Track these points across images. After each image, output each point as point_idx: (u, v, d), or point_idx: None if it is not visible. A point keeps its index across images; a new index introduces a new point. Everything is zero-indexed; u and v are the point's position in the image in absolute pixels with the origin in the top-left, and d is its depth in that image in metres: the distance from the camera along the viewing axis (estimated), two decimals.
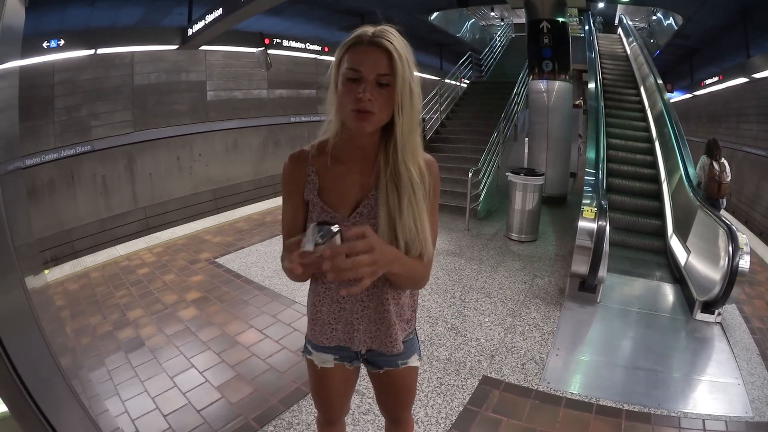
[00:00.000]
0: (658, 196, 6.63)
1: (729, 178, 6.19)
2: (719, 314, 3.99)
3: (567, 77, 8.33)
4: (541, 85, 8.33)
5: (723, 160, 6.23)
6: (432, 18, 14.60)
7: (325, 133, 1.25)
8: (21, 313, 1.10)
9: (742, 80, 11.47)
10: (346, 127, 1.17)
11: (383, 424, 1.81)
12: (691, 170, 5.86)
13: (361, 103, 1.05)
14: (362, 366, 1.55)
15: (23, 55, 7.42)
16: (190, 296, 4.49)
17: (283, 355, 3.40)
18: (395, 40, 1.08)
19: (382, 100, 1.08)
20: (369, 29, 1.09)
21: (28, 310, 1.10)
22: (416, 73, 1.12)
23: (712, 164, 6.14)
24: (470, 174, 6.59)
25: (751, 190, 11.25)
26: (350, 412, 2.66)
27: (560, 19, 7.91)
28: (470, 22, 19.04)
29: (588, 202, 4.52)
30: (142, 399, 2.93)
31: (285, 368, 3.23)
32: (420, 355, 1.54)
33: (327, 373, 1.48)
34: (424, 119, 8.90)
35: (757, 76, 10.65)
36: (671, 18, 14.19)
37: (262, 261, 5.41)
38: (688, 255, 4.80)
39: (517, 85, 9.91)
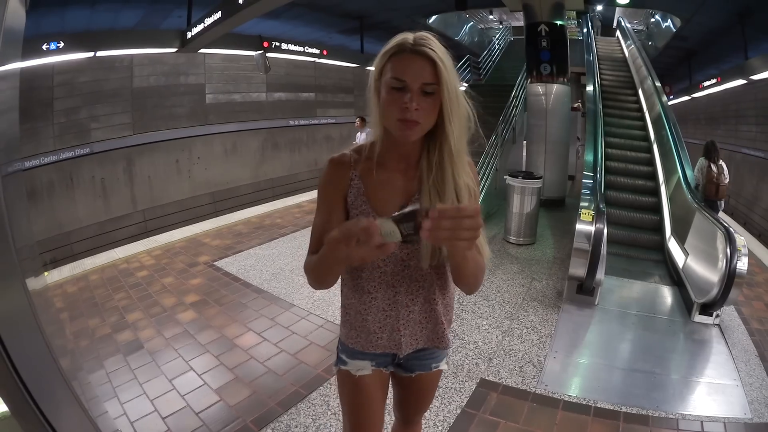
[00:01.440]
0: (657, 198, 6.64)
1: (727, 180, 6.20)
2: (717, 316, 4.00)
3: (565, 80, 8.35)
4: (540, 88, 8.34)
5: (721, 162, 6.24)
6: (430, 21, 14.62)
7: (366, 138, 1.28)
8: (22, 314, 1.10)
9: (741, 82, 11.48)
10: (388, 134, 1.18)
11: None
12: (689, 172, 5.87)
13: (408, 113, 1.06)
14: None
15: (23, 57, 7.43)
16: (188, 299, 4.49)
17: (282, 358, 3.40)
18: (437, 47, 1.08)
19: (426, 109, 1.08)
20: (409, 36, 1.09)
21: (29, 311, 1.11)
22: (459, 83, 1.13)
23: (710, 166, 6.15)
24: None
25: (749, 191, 11.25)
26: None
27: (558, 22, 7.94)
28: (468, 25, 19.06)
29: (586, 204, 4.53)
30: (140, 401, 2.93)
31: (283, 371, 3.23)
32: (448, 359, 1.56)
33: (364, 381, 1.44)
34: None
35: (756, 77, 10.67)
36: (669, 20, 14.22)
37: (261, 264, 5.41)
38: (686, 257, 4.81)
39: (515, 88, 9.93)
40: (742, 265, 3.68)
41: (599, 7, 15.86)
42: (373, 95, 1.16)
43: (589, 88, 8.76)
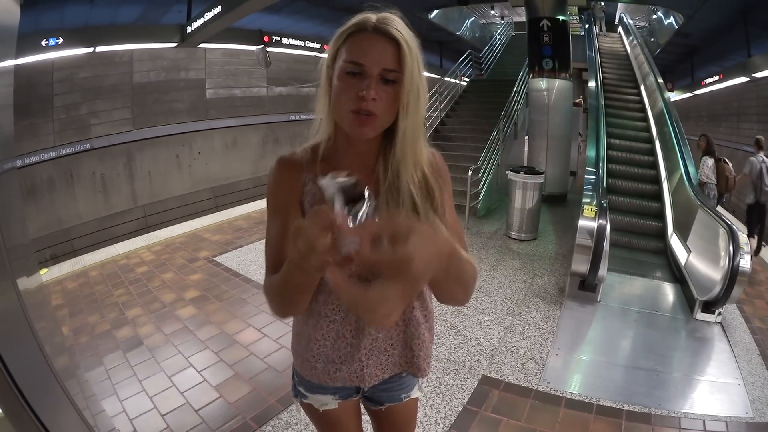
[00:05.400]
0: (658, 195, 6.62)
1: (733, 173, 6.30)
2: (719, 314, 3.98)
3: (567, 75, 8.32)
4: (542, 83, 8.31)
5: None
6: (432, 16, 14.56)
7: (315, 135, 1.07)
8: (13, 314, 1.08)
9: (743, 79, 11.44)
10: (341, 131, 0.99)
11: None
12: (691, 169, 5.84)
13: (363, 103, 0.88)
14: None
15: (22, 54, 7.40)
16: (188, 295, 4.48)
17: (282, 354, 3.39)
18: (403, 28, 0.91)
19: (386, 100, 0.90)
20: (372, 15, 0.92)
21: (20, 312, 1.09)
22: (424, 71, 0.95)
23: (719, 162, 6.17)
24: (470, 172, 6.57)
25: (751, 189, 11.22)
26: None
27: (560, 18, 7.89)
28: (470, 20, 18.97)
29: (588, 200, 4.50)
30: (140, 398, 2.92)
31: (283, 367, 3.22)
32: (420, 385, 1.39)
33: (332, 414, 1.27)
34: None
35: (758, 75, 10.63)
36: (672, 17, 14.15)
37: (261, 259, 5.34)
38: (689, 254, 4.79)
39: (517, 83, 9.88)
40: (745, 262, 3.66)
41: (601, 3, 15.79)
42: (323, 84, 0.98)
43: (591, 83, 8.71)
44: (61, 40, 7.89)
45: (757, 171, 5.97)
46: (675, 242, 5.37)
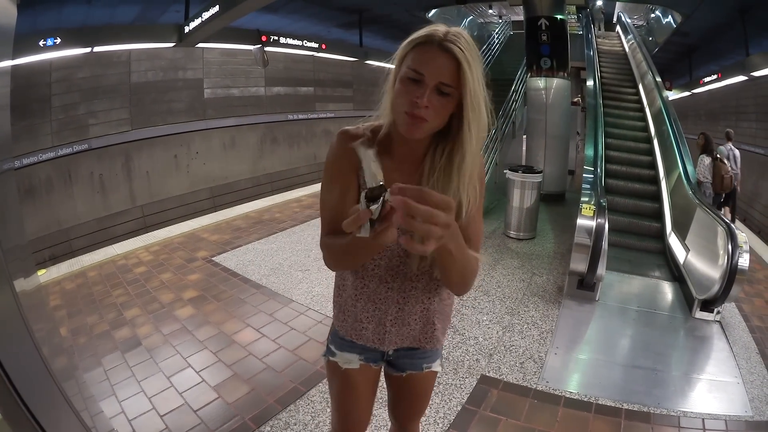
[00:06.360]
0: (657, 194, 6.62)
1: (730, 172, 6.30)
2: (718, 312, 3.99)
3: (565, 74, 8.32)
4: (540, 82, 8.31)
5: (717, 155, 6.31)
6: (430, 15, 14.55)
7: (378, 118, 1.17)
8: (9, 316, 1.08)
9: (742, 78, 11.44)
10: (395, 126, 1.10)
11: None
12: (690, 168, 5.85)
13: (416, 109, 0.98)
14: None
15: (20, 54, 7.37)
16: (186, 295, 4.47)
17: (280, 355, 3.38)
18: (467, 48, 0.98)
19: (437, 108, 1.00)
20: (440, 29, 0.99)
21: (17, 314, 1.08)
22: (484, 86, 1.04)
23: (716, 161, 6.17)
24: None
25: (749, 188, 11.22)
26: None
27: (558, 17, 7.89)
28: (468, 19, 18.96)
29: (587, 199, 4.51)
30: (138, 399, 2.91)
31: (282, 368, 3.21)
32: (442, 361, 1.51)
33: (352, 375, 1.42)
34: None
35: (756, 74, 10.63)
36: (670, 15, 14.16)
37: (260, 259, 5.39)
38: (687, 253, 4.80)
39: (515, 82, 9.89)
40: (744, 261, 3.67)
41: (599, 2, 15.79)
42: (390, 81, 1.08)
43: (590, 82, 8.72)
44: (58, 41, 7.85)
45: (725, 158, 6.61)
46: (674, 241, 5.38)
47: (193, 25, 8.96)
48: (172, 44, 9.74)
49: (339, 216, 1.01)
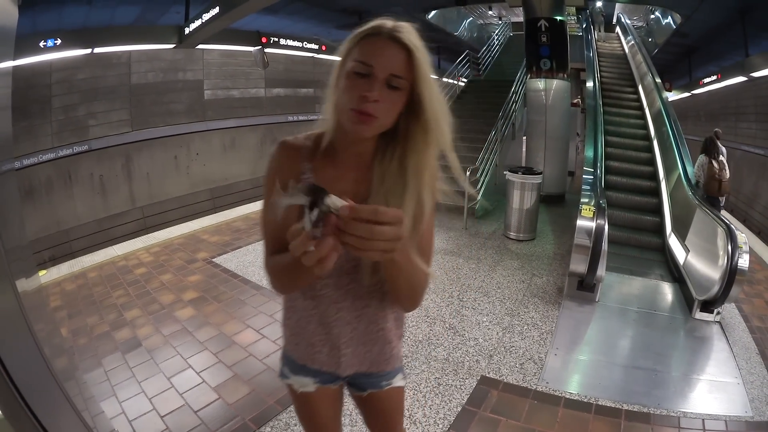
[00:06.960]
0: (656, 195, 6.63)
1: (728, 176, 6.20)
2: (718, 313, 3.99)
3: (565, 76, 8.32)
4: (539, 83, 8.32)
5: (722, 158, 6.24)
6: (430, 16, 14.58)
7: (320, 125, 1.09)
8: (12, 316, 1.08)
9: (741, 79, 11.46)
10: (342, 129, 1.01)
11: None
12: (689, 169, 5.86)
13: (365, 104, 0.90)
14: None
15: (20, 55, 7.39)
16: (187, 296, 4.47)
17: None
18: (417, 39, 0.93)
19: (389, 104, 0.93)
20: (388, 22, 0.94)
21: (19, 314, 1.09)
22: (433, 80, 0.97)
23: (710, 163, 6.14)
24: (468, 173, 6.58)
25: (749, 188, 11.24)
26: None
27: (558, 18, 7.90)
28: (468, 20, 19.02)
29: (586, 200, 4.51)
30: (139, 400, 2.91)
31: None
32: (404, 374, 1.41)
33: (309, 398, 1.32)
34: None
35: (756, 75, 10.65)
36: (670, 16, 14.20)
37: (260, 260, 5.37)
38: (687, 254, 4.80)
39: (515, 83, 9.90)
40: (744, 262, 3.67)
41: (599, 3, 15.82)
42: (333, 80, 0.99)
43: (589, 84, 8.73)
44: (59, 42, 7.88)
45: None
46: (673, 242, 5.38)
47: (193, 26, 8.97)
48: (172, 45, 9.76)
49: (282, 233, 0.88)
